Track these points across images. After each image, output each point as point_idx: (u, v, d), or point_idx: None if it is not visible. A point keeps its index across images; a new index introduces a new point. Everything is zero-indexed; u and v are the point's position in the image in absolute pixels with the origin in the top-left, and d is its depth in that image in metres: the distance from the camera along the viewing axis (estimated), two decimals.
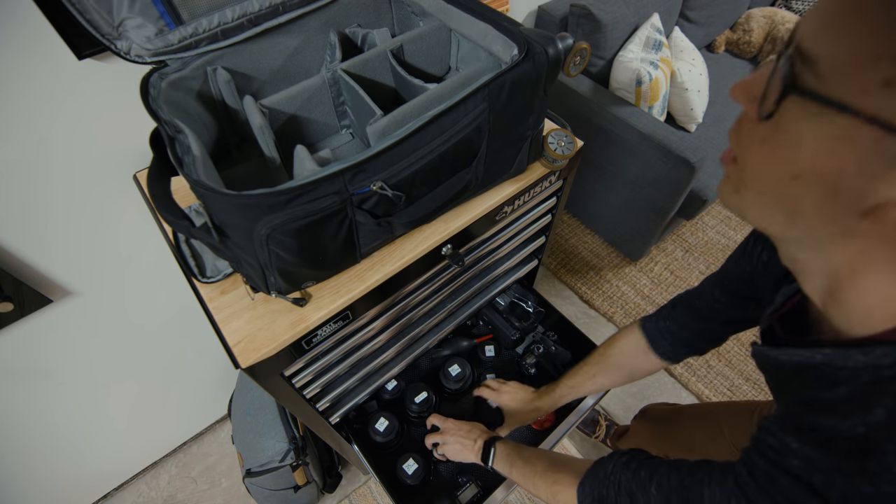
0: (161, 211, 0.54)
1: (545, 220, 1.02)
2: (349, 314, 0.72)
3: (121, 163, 0.86)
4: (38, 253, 0.87)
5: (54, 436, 1.19)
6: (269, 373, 0.69)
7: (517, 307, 1.22)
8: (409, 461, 1.03)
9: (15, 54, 0.67)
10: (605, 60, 1.65)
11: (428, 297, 0.89)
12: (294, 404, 0.81)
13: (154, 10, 0.64)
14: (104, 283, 1.00)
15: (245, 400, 1.32)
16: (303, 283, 0.66)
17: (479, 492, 1.00)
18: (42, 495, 1.31)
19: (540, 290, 1.40)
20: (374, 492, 1.45)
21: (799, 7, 2.20)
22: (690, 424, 1.02)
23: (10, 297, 0.84)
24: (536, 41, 0.62)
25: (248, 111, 0.73)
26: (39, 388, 1.07)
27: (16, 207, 0.80)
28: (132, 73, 0.71)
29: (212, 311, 0.67)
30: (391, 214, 0.64)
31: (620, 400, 1.61)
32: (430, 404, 1.12)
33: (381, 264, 0.71)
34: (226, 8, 0.69)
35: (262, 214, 0.51)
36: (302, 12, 0.75)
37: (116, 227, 0.95)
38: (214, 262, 0.72)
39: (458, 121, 0.59)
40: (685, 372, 1.65)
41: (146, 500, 1.49)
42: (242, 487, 1.45)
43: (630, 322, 1.03)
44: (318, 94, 0.80)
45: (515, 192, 0.81)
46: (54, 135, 0.77)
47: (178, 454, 1.58)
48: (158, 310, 1.15)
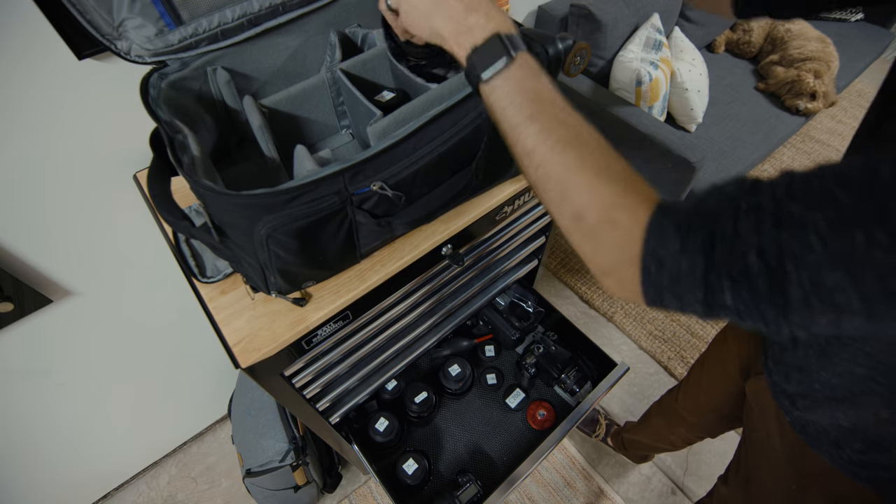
0: (161, 211, 0.54)
1: (545, 220, 1.02)
2: (349, 314, 0.72)
3: (121, 163, 0.86)
4: (38, 253, 0.87)
5: (54, 436, 1.19)
6: (269, 373, 0.69)
7: (517, 307, 1.22)
8: (409, 461, 1.03)
9: (15, 54, 0.67)
10: (606, 60, 1.65)
11: (428, 297, 0.89)
12: (294, 404, 0.81)
13: (154, 11, 0.64)
14: (104, 283, 1.00)
15: (245, 400, 1.32)
16: (303, 283, 0.66)
17: (479, 492, 1.00)
18: (42, 495, 1.30)
19: (540, 290, 1.40)
20: (374, 492, 1.45)
21: None
22: (698, 368, 0.96)
23: (10, 297, 0.84)
24: (536, 41, 0.62)
25: (248, 111, 0.73)
26: (39, 388, 1.07)
27: (16, 207, 0.80)
28: (132, 74, 0.71)
29: (212, 310, 0.67)
30: (391, 214, 0.64)
31: (621, 400, 1.61)
32: (430, 404, 1.12)
33: (381, 264, 0.71)
34: (226, 8, 0.69)
35: (262, 214, 0.51)
36: (302, 12, 0.75)
37: (116, 227, 0.95)
38: (214, 262, 0.72)
39: (458, 121, 0.59)
40: (685, 372, 1.64)
41: (146, 500, 1.49)
42: (242, 487, 1.45)
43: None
44: (318, 94, 0.80)
45: (515, 192, 0.81)
46: (54, 135, 0.77)
47: (178, 454, 1.58)
48: (158, 310, 1.15)
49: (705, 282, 0.31)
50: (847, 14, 2.17)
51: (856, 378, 0.47)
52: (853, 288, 0.26)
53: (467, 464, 1.13)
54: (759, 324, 0.30)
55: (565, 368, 1.17)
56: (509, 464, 1.11)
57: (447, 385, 1.17)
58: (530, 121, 0.40)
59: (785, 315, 0.29)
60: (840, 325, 0.28)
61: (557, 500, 1.41)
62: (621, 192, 0.36)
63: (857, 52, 2.04)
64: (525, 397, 1.20)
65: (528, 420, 1.17)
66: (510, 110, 0.41)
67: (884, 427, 0.48)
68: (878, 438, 0.49)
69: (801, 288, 0.27)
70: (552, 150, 0.38)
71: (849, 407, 0.50)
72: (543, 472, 1.46)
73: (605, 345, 1.64)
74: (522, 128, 0.40)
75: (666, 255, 0.32)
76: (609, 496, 1.41)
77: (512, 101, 0.41)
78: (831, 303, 0.27)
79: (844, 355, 0.48)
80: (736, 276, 0.29)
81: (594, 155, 0.38)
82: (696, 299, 0.32)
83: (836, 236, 0.26)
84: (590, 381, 1.18)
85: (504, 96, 0.41)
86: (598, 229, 0.36)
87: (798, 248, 0.27)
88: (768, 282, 0.28)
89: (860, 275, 0.25)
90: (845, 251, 0.25)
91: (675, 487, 1.43)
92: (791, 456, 0.62)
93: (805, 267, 0.27)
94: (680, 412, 1.04)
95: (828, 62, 1.82)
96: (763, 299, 0.29)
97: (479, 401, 1.22)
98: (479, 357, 1.30)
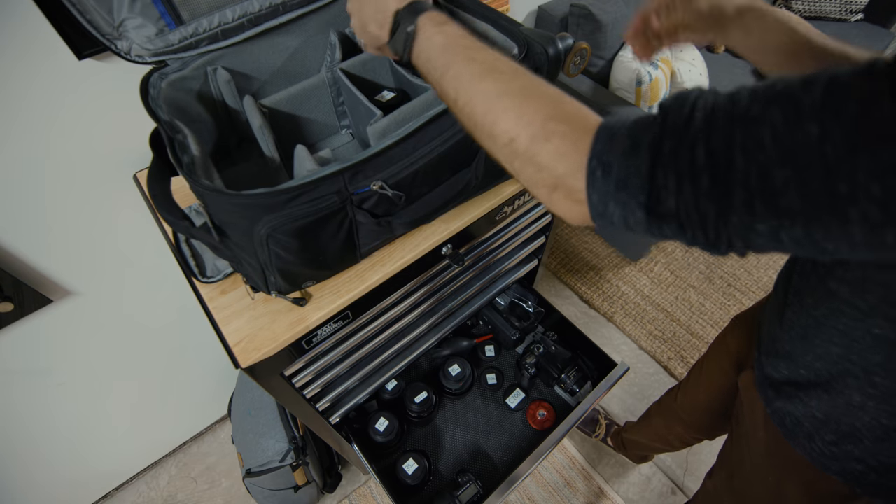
0: (161, 211, 0.54)
1: (545, 220, 1.02)
2: (349, 314, 0.72)
3: (121, 163, 0.86)
4: (38, 253, 0.87)
5: (54, 435, 1.19)
6: (270, 373, 0.69)
7: (517, 307, 1.22)
8: (409, 461, 1.03)
9: (15, 54, 0.67)
10: (606, 60, 1.65)
11: (428, 297, 0.89)
12: (294, 404, 0.81)
13: (154, 11, 0.64)
14: (104, 283, 1.00)
15: (245, 400, 1.32)
16: (303, 283, 0.66)
17: (479, 492, 1.00)
18: (42, 495, 1.30)
19: (540, 290, 1.40)
20: (374, 492, 1.45)
21: (799, 7, 2.20)
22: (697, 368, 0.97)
23: (10, 297, 0.84)
24: (536, 41, 0.62)
25: (248, 111, 0.73)
26: (39, 388, 1.07)
27: (16, 207, 0.80)
28: (132, 74, 0.71)
29: (212, 310, 0.67)
30: (391, 214, 0.64)
31: (620, 400, 1.61)
32: (430, 404, 1.12)
33: (381, 264, 0.71)
34: (226, 8, 0.69)
35: (262, 214, 0.51)
36: (302, 12, 0.75)
37: (116, 227, 0.95)
38: (214, 262, 0.72)
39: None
40: (685, 372, 1.65)
41: (146, 500, 1.49)
42: (242, 487, 1.45)
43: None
44: (318, 94, 0.80)
45: (515, 192, 0.81)
46: (54, 135, 0.77)
47: (178, 454, 1.57)
48: (159, 309, 1.15)
49: (651, 181, 0.30)
50: (847, 14, 2.17)
51: (833, 359, 0.49)
52: (797, 189, 0.25)
53: (467, 464, 1.13)
54: (698, 232, 0.30)
55: (565, 368, 1.17)
56: (509, 464, 1.11)
57: (447, 385, 1.17)
58: (445, 69, 0.41)
59: (725, 218, 0.28)
60: (779, 235, 0.27)
61: (557, 500, 1.41)
62: (552, 107, 0.35)
63: None
64: (525, 397, 1.20)
65: (528, 420, 1.17)
66: (431, 72, 0.42)
67: (856, 416, 0.49)
68: (851, 429, 0.50)
69: (746, 188, 0.27)
70: (469, 86, 0.39)
71: (825, 392, 0.51)
72: (543, 472, 1.46)
73: (605, 345, 1.64)
74: (444, 81, 0.41)
75: (613, 158, 0.32)
76: (609, 496, 1.41)
77: (428, 59, 0.43)
78: (774, 206, 0.26)
79: (823, 336, 0.49)
80: (682, 169, 0.29)
81: (514, 80, 0.38)
82: (640, 203, 0.31)
83: (791, 130, 0.25)
84: (590, 381, 1.18)
85: (424, 62, 0.43)
86: (536, 147, 0.35)
87: (751, 143, 0.27)
88: (713, 177, 0.28)
89: (807, 173, 0.25)
90: (796, 145, 0.25)
91: (675, 487, 1.43)
92: (771, 449, 0.64)
93: (754, 162, 0.26)
94: (678, 411, 1.05)
95: None
96: (706, 196, 0.28)
97: (479, 401, 1.22)
98: (479, 357, 1.30)
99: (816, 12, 2.20)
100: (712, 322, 1.77)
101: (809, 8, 2.20)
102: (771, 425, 0.62)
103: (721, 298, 1.83)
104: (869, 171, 0.23)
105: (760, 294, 1.84)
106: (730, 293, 1.85)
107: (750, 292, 1.85)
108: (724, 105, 0.28)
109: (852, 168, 0.24)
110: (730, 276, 1.90)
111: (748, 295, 1.84)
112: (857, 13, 2.18)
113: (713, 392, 0.91)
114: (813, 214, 0.25)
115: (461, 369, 1.17)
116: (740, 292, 1.85)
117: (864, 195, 0.24)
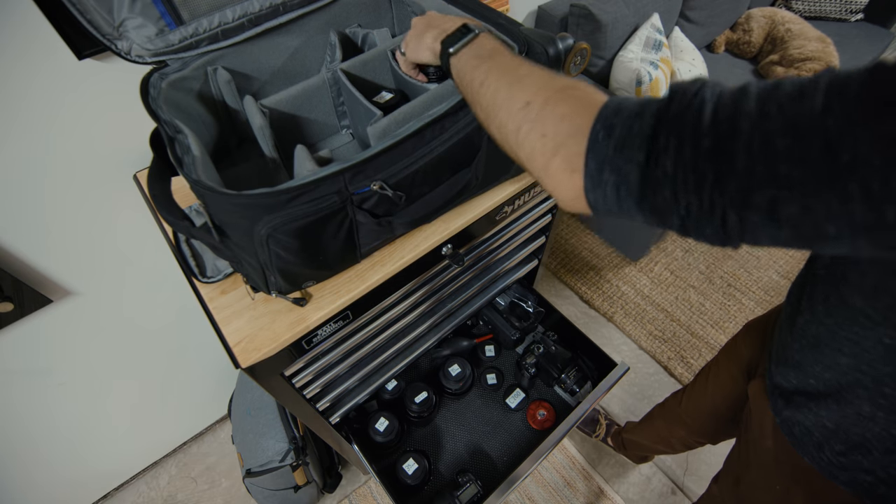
0: (161, 211, 0.54)
1: (545, 220, 1.02)
2: (349, 314, 0.72)
3: (121, 163, 0.86)
4: (38, 253, 0.87)
5: (54, 435, 1.19)
6: (270, 373, 0.69)
7: (517, 307, 1.23)
8: (409, 461, 1.03)
9: (15, 54, 0.67)
10: (606, 60, 1.65)
11: (428, 297, 0.89)
12: (294, 404, 0.81)
13: (155, 11, 0.64)
14: (104, 283, 1.00)
15: (245, 400, 1.32)
16: (303, 283, 0.66)
17: (479, 492, 1.01)
18: (42, 495, 1.30)
19: (540, 290, 1.40)
20: (374, 492, 1.45)
21: (799, 7, 2.20)
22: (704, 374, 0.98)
23: (10, 297, 0.84)
24: (536, 41, 0.62)
25: (249, 111, 0.73)
26: (39, 388, 1.07)
27: (16, 207, 0.80)
28: (132, 74, 0.71)
29: (212, 310, 0.67)
30: (391, 214, 0.64)
31: (621, 400, 1.61)
32: (430, 404, 1.12)
33: (381, 264, 0.71)
34: (226, 8, 0.69)
35: (263, 214, 0.51)
36: (302, 12, 0.75)
37: (116, 227, 0.95)
38: (215, 262, 0.72)
39: (459, 121, 0.59)
40: (685, 372, 1.65)
41: (146, 500, 1.49)
42: (242, 487, 1.45)
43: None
44: (319, 94, 0.80)
45: (516, 192, 0.81)
46: (54, 135, 0.77)
47: (178, 454, 1.58)
48: (159, 310, 1.15)
49: (652, 142, 0.30)
50: (847, 14, 2.17)
51: (843, 369, 0.49)
52: (799, 156, 0.25)
53: (467, 464, 1.13)
54: (692, 197, 0.29)
55: (565, 368, 1.17)
56: (509, 464, 1.11)
57: (447, 385, 1.17)
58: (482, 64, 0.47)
59: (723, 184, 0.28)
60: (776, 213, 0.27)
61: (557, 500, 1.41)
62: (571, 83, 0.39)
63: (857, 52, 2.04)
64: (525, 397, 1.20)
65: (528, 420, 1.17)
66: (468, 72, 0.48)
67: (866, 427, 0.49)
68: (861, 440, 0.50)
69: (748, 152, 0.27)
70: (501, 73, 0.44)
71: (834, 403, 0.51)
72: (543, 472, 1.46)
73: (605, 345, 1.64)
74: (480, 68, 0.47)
75: (618, 121, 0.33)
76: (609, 496, 1.41)
77: (468, 62, 0.49)
78: (772, 175, 0.26)
79: (833, 345, 0.49)
80: (685, 133, 0.29)
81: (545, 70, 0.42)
82: (637, 163, 0.31)
83: (795, 103, 0.26)
84: (590, 381, 1.18)
85: (465, 63, 0.49)
86: (548, 109, 0.38)
87: (757, 113, 0.27)
88: (715, 139, 0.28)
89: (807, 142, 0.25)
90: (799, 116, 0.26)
91: (675, 487, 1.43)
92: (779, 457, 0.64)
93: (759, 129, 0.27)
94: (682, 415, 1.05)
95: (828, 62, 1.82)
96: (705, 157, 0.28)
97: (479, 401, 1.22)
98: (479, 357, 1.30)
99: (816, 12, 2.20)
100: (712, 322, 1.77)
101: (809, 8, 2.20)
102: (779, 434, 0.62)
103: (721, 298, 1.83)
104: (870, 143, 0.23)
105: (760, 294, 1.84)
106: (730, 293, 1.85)
107: (750, 292, 1.85)
108: (733, 89, 0.29)
109: (854, 140, 0.24)
110: (730, 276, 1.90)
111: (748, 295, 1.84)
112: (857, 13, 2.18)
113: (721, 398, 0.90)
114: (812, 188, 0.25)
115: (461, 369, 1.17)
116: (740, 292, 1.85)
117: (864, 166, 0.24)
